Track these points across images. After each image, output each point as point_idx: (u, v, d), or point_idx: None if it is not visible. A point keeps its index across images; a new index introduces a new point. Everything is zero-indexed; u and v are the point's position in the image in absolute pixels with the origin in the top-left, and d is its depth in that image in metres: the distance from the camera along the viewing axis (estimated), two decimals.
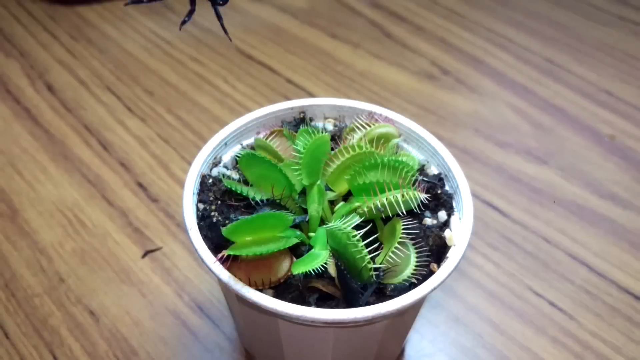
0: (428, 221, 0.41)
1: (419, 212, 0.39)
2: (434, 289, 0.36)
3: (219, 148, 0.44)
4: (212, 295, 0.53)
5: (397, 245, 0.37)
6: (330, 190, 0.41)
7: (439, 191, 0.42)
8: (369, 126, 0.43)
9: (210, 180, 0.42)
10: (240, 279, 0.36)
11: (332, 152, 0.41)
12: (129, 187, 0.62)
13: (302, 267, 0.35)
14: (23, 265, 0.55)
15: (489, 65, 0.79)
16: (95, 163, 0.65)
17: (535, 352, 0.50)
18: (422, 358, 0.50)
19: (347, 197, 0.42)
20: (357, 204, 0.39)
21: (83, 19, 0.85)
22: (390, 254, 0.37)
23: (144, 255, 0.56)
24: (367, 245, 0.36)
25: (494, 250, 0.57)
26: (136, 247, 0.57)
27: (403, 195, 0.37)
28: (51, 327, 0.51)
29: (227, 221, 0.38)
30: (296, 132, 0.43)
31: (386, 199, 0.37)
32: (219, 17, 0.41)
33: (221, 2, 0.40)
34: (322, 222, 0.40)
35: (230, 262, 0.36)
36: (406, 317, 0.41)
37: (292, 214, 0.37)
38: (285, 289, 0.37)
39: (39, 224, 0.58)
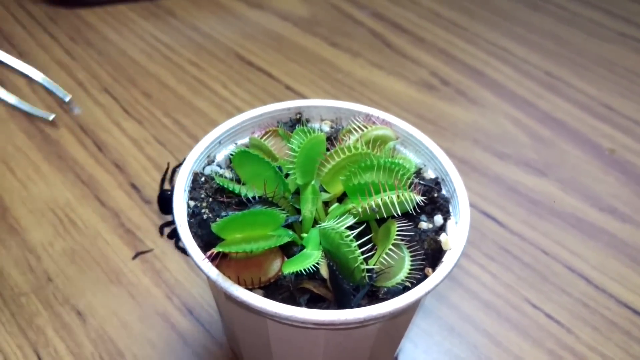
0: (424, 225, 0.40)
1: (414, 214, 0.38)
2: (428, 292, 0.35)
3: (212, 146, 0.43)
4: (202, 298, 0.52)
5: (391, 247, 0.36)
6: (325, 191, 0.41)
7: (436, 195, 0.41)
8: (366, 128, 0.43)
9: (203, 179, 0.42)
10: (230, 278, 0.35)
11: (328, 153, 0.40)
12: (122, 188, 0.61)
13: (293, 266, 0.34)
14: (11, 263, 0.54)
15: (489, 77, 0.79)
16: (90, 163, 0.64)
17: None
18: None
19: (341, 199, 0.41)
20: (351, 205, 0.38)
21: (84, 22, 0.85)
22: (384, 255, 0.36)
23: (134, 257, 0.55)
24: (360, 246, 0.35)
25: (491, 261, 0.56)
26: (127, 249, 0.56)
27: (399, 197, 0.36)
28: (37, 327, 0.50)
29: (217, 218, 0.37)
30: (292, 132, 0.43)
31: (381, 199, 0.36)
32: None
33: None
34: (316, 223, 0.39)
35: (219, 260, 0.35)
36: (399, 322, 0.40)
37: (284, 212, 0.36)
38: (276, 290, 0.36)
39: (29, 223, 0.57)
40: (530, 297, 0.54)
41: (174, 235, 0.43)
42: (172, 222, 0.42)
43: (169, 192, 0.49)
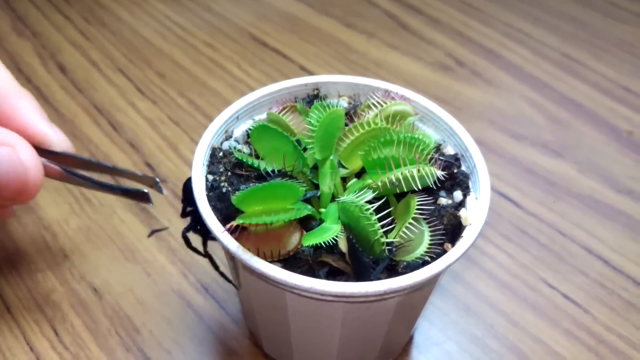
0: (443, 201, 0.40)
1: (434, 188, 0.38)
2: (449, 265, 0.35)
3: (230, 121, 0.43)
4: (218, 276, 0.52)
5: (410, 221, 0.36)
6: (343, 167, 0.40)
7: (455, 171, 0.41)
8: (385, 103, 0.42)
9: (221, 153, 0.41)
10: (249, 250, 0.35)
11: (347, 128, 0.39)
12: (137, 167, 0.61)
13: (313, 239, 0.34)
14: (27, 240, 0.54)
15: (505, 59, 0.78)
16: (105, 142, 0.64)
17: (548, 344, 0.48)
18: (431, 346, 0.48)
19: (359, 175, 0.41)
20: (370, 180, 0.38)
21: (97, 2, 0.85)
22: (404, 229, 0.36)
23: (150, 235, 0.55)
24: (380, 220, 0.35)
25: (507, 241, 0.56)
26: (142, 226, 0.56)
27: (419, 171, 0.36)
28: (53, 303, 0.50)
29: (237, 192, 0.37)
30: (310, 108, 0.42)
31: (401, 173, 0.36)
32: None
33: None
34: (334, 199, 0.39)
35: (239, 234, 0.35)
36: (417, 298, 0.40)
37: (304, 186, 0.36)
38: (295, 263, 0.36)
39: (45, 201, 0.58)
40: (546, 277, 0.53)
41: (186, 215, 0.43)
42: (184, 201, 0.42)
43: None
